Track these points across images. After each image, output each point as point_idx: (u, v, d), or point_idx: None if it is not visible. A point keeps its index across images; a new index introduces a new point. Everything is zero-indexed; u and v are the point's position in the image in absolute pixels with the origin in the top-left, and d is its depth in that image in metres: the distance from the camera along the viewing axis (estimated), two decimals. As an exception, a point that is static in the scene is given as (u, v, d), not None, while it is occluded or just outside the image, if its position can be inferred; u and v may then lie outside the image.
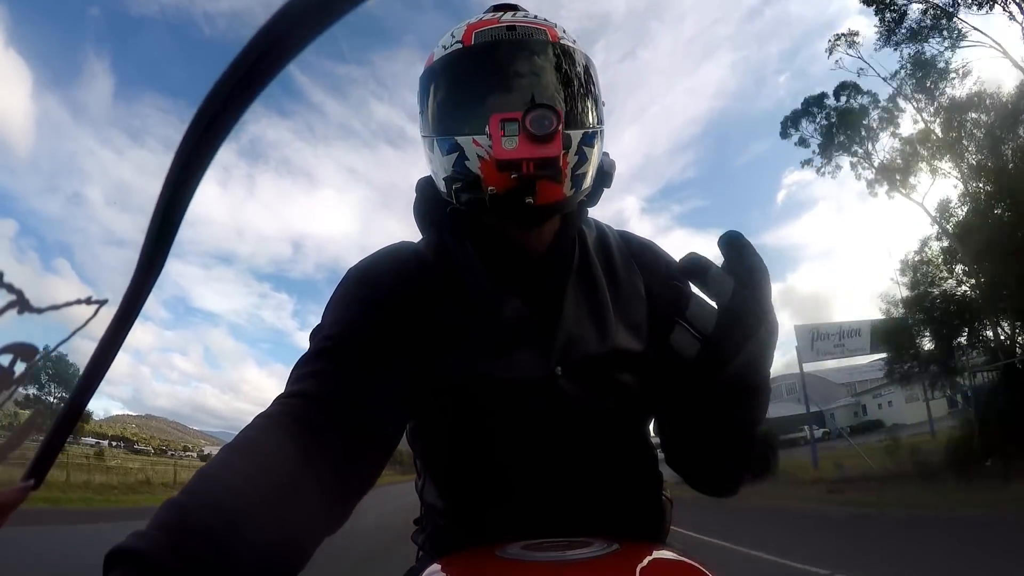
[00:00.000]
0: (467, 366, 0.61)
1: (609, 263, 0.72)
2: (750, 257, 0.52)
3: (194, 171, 0.30)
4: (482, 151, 0.58)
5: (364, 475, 0.52)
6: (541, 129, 0.53)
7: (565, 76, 0.62)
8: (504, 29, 0.62)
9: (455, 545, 0.65)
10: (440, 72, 0.64)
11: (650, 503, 0.70)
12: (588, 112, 0.63)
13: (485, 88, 0.61)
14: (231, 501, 0.40)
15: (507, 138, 0.54)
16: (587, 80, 0.64)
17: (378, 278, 0.65)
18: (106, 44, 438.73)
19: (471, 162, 0.59)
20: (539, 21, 0.64)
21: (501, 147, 0.54)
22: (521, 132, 0.54)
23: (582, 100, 0.63)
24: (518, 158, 0.54)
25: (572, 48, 0.64)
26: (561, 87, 0.61)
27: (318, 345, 0.57)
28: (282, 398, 0.53)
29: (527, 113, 0.54)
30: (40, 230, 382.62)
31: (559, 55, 0.62)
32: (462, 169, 0.60)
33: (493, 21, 0.63)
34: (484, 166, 0.59)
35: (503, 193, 0.58)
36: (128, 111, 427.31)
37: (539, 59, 0.62)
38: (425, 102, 0.66)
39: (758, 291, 0.52)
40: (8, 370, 0.36)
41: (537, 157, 0.54)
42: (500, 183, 0.57)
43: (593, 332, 0.64)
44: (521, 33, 0.62)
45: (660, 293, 0.70)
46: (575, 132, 0.60)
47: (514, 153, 0.54)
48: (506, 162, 0.55)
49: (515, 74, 0.61)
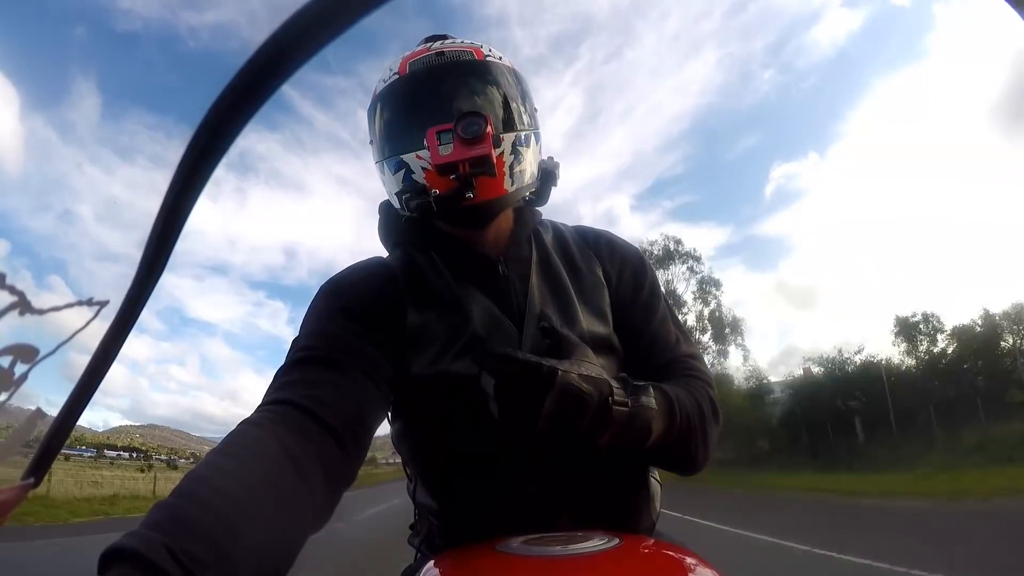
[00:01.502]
0: (442, 367, 0.63)
1: (568, 255, 0.76)
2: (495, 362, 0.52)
3: (194, 184, 0.31)
4: (424, 163, 0.64)
5: (346, 472, 0.53)
6: (472, 133, 0.60)
7: (492, 87, 0.69)
8: (433, 56, 0.69)
9: (451, 543, 0.65)
10: (381, 102, 0.71)
11: (639, 487, 0.70)
12: (518, 116, 0.70)
13: (421, 109, 0.67)
14: (222, 501, 0.40)
15: (443, 146, 0.61)
16: (514, 89, 0.71)
17: (349, 289, 0.68)
18: (92, 62, 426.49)
19: (416, 174, 0.66)
20: (466, 45, 0.71)
21: (438, 154, 0.61)
22: (455, 139, 0.60)
23: (511, 106, 0.70)
24: (454, 160, 0.60)
25: (497, 64, 0.71)
26: (490, 97, 0.68)
27: (295, 356, 0.59)
28: (263, 406, 0.54)
29: (458, 121, 0.60)
30: (33, 247, 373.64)
31: (485, 70, 0.70)
32: (410, 182, 0.66)
33: (424, 50, 0.70)
34: (428, 175, 0.65)
35: (445, 193, 0.62)
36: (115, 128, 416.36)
37: (467, 76, 0.69)
38: (373, 131, 0.73)
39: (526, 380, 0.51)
40: (8, 371, 0.36)
41: (470, 157, 0.60)
42: (442, 185, 0.63)
43: (560, 320, 0.67)
44: (449, 57, 0.69)
45: (619, 278, 0.75)
46: (508, 135, 0.67)
47: (450, 157, 0.60)
48: (444, 165, 0.61)
49: (446, 92, 0.67)
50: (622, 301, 0.73)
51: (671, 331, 0.74)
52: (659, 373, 0.68)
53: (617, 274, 0.75)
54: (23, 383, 0.36)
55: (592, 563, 0.46)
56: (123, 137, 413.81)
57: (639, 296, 0.74)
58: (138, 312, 0.40)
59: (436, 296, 0.68)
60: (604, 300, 0.72)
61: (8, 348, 0.36)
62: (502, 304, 0.68)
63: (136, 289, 0.37)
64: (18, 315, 0.36)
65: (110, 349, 0.42)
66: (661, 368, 0.70)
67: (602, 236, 0.80)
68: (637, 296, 0.74)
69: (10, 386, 0.36)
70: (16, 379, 0.36)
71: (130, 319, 0.40)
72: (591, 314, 0.70)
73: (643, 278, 0.76)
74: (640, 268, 0.77)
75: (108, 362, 0.43)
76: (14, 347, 0.36)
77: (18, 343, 0.36)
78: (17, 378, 0.36)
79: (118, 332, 0.41)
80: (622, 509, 0.67)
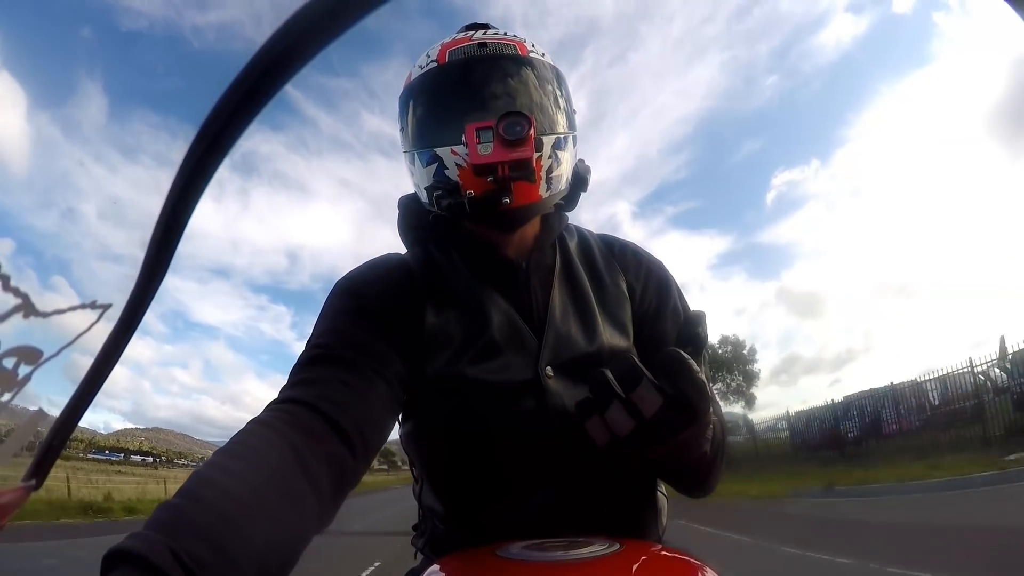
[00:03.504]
0: (458, 369, 0.62)
1: (591, 265, 0.74)
2: (684, 381, 0.49)
3: (197, 185, 0.31)
4: (459, 159, 0.62)
5: (351, 473, 0.52)
6: (514, 134, 0.57)
7: (535, 86, 0.67)
8: (476, 46, 0.67)
9: (454, 547, 0.65)
10: (417, 90, 0.68)
11: (646, 500, 0.70)
12: (558, 119, 0.67)
13: (460, 101, 0.65)
14: (226, 501, 0.40)
15: (482, 144, 0.58)
16: (556, 89, 0.69)
17: (365, 287, 0.66)
18: (98, 62, 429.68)
19: (450, 170, 0.63)
20: (509, 37, 0.69)
21: (477, 153, 0.58)
22: (495, 138, 0.58)
23: (552, 108, 0.67)
24: (493, 162, 0.57)
25: (541, 60, 0.68)
26: (531, 96, 0.66)
27: (308, 354, 0.58)
28: (274, 404, 0.53)
29: (500, 120, 0.58)
30: (37, 246, 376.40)
31: (528, 67, 0.67)
32: (442, 178, 0.64)
33: (465, 39, 0.68)
34: (462, 173, 0.62)
35: (481, 196, 0.61)
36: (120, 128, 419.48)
37: (509, 72, 0.66)
38: (405, 119, 0.70)
39: (689, 413, 0.50)
40: (12, 372, 0.36)
41: (511, 160, 0.57)
42: (478, 187, 0.61)
43: (580, 331, 0.66)
44: (492, 49, 0.67)
45: (643, 291, 0.74)
46: (547, 137, 0.64)
47: (489, 157, 0.57)
48: (482, 166, 0.58)
49: (488, 87, 0.65)
50: (645, 315, 0.72)
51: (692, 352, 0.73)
52: None
53: (642, 288, 0.74)
54: (26, 384, 0.36)
55: (593, 568, 0.45)
56: (128, 137, 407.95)
57: (663, 312, 0.73)
58: (141, 315, 0.40)
59: (455, 298, 0.66)
60: (626, 313, 0.71)
61: (12, 350, 0.36)
62: (522, 311, 0.66)
63: (138, 292, 0.37)
64: (22, 317, 0.36)
65: (112, 352, 0.42)
66: None
67: (628, 247, 0.78)
68: (661, 311, 0.73)
69: (13, 387, 0.36)
70: (20, 380, 0.36)
71: (132, 322, 0.40)
72: (612, 327, 0.68)
73: (668, 293, 0.74)
74: (665, 283, 0.75)
75: (110, 365, 0.43)
76: (18, 349, 0.36)
77: (22, 345, 0.37)
78: (20, 379, 0.36)
79: (120, 335, 0.41)
80: (629, 521, 0.66)
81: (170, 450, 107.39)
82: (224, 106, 0.27)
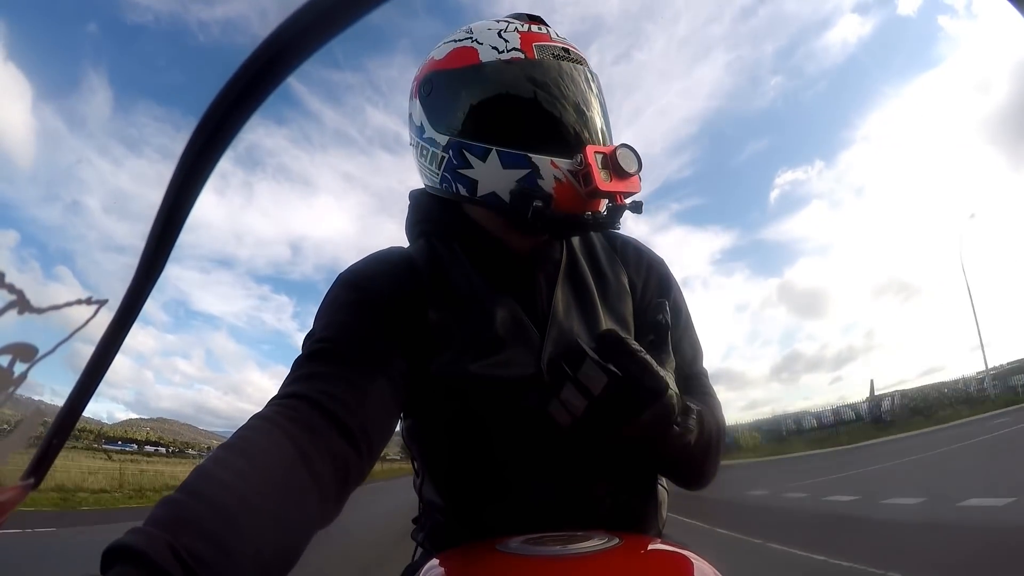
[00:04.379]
0: (461, 365, 0.62)
1: (594, 260, 0.74)
2: (624, 358, 0.53)
3: (197, 177, 0.30)
4: (559, 172, 0.60)
5: (356, 471, 0.52)
6: (629, 167, 0.59)
7: (603, 102, 0.67)
8: (562, 49, 0.65)
9: (454, 541, 0.65)
10: (496, 79, 0.62)
11: (646, 494, 0.70)
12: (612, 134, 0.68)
13: (565, 113, 0.63)
14: (227, 497, 0.40)
15: (603, 171, 0.59)
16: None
17: (369, 281, 0.65)
18: (103, 55, 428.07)
19: (545, 181, 0.60)
20: (571, 44, 0.67)
21: (600, 179, 0.58)
22: (611, 165, 0.59)
23: (610, 124, 0.68)
24: (614, 191, 0.59)
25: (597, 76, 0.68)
26: (607, 116, 0.67)
27: (310, 348, 0.58)
28: (276, 400, 0.53)
29: (617, 149, 0.59)
30: (41, 238, 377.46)
31: (598, 82, 0.67)
32: (533, 185, 0.60)
33: (545, 37, 0.65)
34: (559, 187, 0.60)
35: (598, 218, 0.61)
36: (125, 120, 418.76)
37: (593, 87, 0.66)
38: (461, 103, 0.63)
39: (636, 387, 0.53)
40: (8, 370, 0.36)
41: (627, 191, 0.60)
42: (577, 206, 0.61)
43: (583, 327, 0.66)
44: (576, 56, 0.65)
45: (644, 287, 0.74)
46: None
47: (610, 187, 0.58)
48: (605, 193, 0.59)
49: (585, 102, 0.64)
50: (645, 311, 0.71)
51: (688, 347, 0.73)
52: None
53: (643, 283, 0.74)
54: (22, 382, 0.36)
55: (592, 563, 0.45)
56: (131, 129, 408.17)
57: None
58: (139, 307, 0.40)
59: (459, 293, 0.66)
60: (628, 309, 0.71)
61: (7, 347, 0.36)
62: (526, 306, 0.66)
63: (137, 283, 0.37)
64: (17, 313, 0.36)
65: (111, 345, 0.42)
66: (677, 383, 0.70)
67: (629, 243, 0.78)
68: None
69: (10, 385, 0.36)
70: (15, 378, 0.36)
71: (131, 314, 0.40)
72: (614, 322, 0.69)
73: (667, 289, 0.75)
74: (665, 279, 0.76)
75: (110, 357, 0.43)
76: (13, 346, 0.36)
77: (18, 342, 0.36)
78: (16, 377, 0.36)
79: (119, 327, 0.41)
80: (629, 515, 0.66)
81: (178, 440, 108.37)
82: (224, 99, 0.27)
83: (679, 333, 0.73)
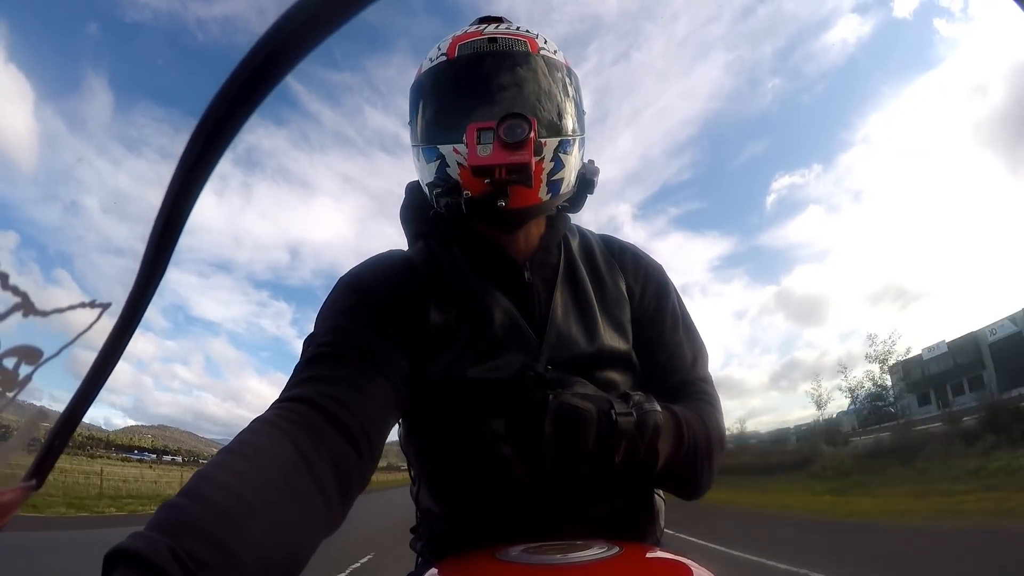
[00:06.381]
0: (459, 368, 0.62)
1: (593, 266, 0.74)
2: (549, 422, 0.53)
3: (196, 180, 0.30)
4: (460, 158, 0.62)
5: (359, 475, 0.52)
6: (513, 137, 0.57)
7: (544, 85, 0.65)
8: (486, 41, 0.66)
9: (452, 549, 0.64)
10: (426, 84, 0.67)
11: (644, 502, 0.70)
12: (566, 120, 0.66)
13: (465, 99, 0.64)
14: (229, 502, 0.39)
15: (482, 145, 0.58)
16: (566, 89, 0.67)
17: (368, 284, 0.66)
18: (103, 55, 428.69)
19: (451, 168, 0.63)
20: (521, 32, 0.68)
21: (476, 154, 0.58)
22: (495, 140, 0.57)
23: (560, 108, 0.66)
24: (491, 164, 0.57)
25: (552, 58, 0.67)
26: (538, 96, 0.65)
27: (312, 352, 0.58)
28: (278, 403, 0.53)
29: (501, 122, 0.58)
30: (40, 240, 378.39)
31: (539, 65, 0.66)
32: (443, 176, 0.64)
33: (476, 34, 0.67)
34: (463, 172, 0.62)
35: (477, 197, 0.61)
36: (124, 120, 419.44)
37: (519, 70, 0.65)
38: (414, 113, 0.69)
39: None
40: (12, 373, 0.36)
41: (509, 163, 0.57)
42: (475, 188, 0.61)
43: (581, 332, 0.66)
44: (502, 45, 0.66)
45: (642, 293, 0.74)
46: (551, 140, 0.63)
47: (488, 160, 0.57)
48: (480, 168, 0.58)
49: (495, 85, 0.64)
50: (643, 317, 0.72)
51: (687, 352, 0.73)
52: (671, 394, 0.67)
53: (641, 289, 0.74)
54: (27, 384, 0.36)
55: (593, 572, 0.45)
56: (131, 130, 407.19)
57: (661, 314, 0.73)
58: (143, 311, 0.40)
59: (458, 296, 0.66)
60: (625, 315, 0.71)
61: (12, 350, 0.36)
62: (524, 311, 0.66)
63: (139, 287, 0.37)
64: (22, 316, 0.36)
65: (113, 349, 0.42)
66: (674, 388, 0.69)
67: (627, 249, 0.78)
68: (659, 314, 0.73)
69: (14, 387, 0.36)
70: (20, 381, 0.36)
71: (134, 318, 0.40)
72: (612, 328, 0.69)
73: (666, 295, 0.75)
74: (663, 285, 0.76)
75: (112, 363, 0.43)
76: (19, 348, 0.36)
77: (22, 344, 0.37)
78: (21, 379, 0.36)
79: (121, 332, 0.41)
80: (627, 523, 0.66)
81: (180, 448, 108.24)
82: (222, 100, 0.27)
83: (677, 339, 0.73)
